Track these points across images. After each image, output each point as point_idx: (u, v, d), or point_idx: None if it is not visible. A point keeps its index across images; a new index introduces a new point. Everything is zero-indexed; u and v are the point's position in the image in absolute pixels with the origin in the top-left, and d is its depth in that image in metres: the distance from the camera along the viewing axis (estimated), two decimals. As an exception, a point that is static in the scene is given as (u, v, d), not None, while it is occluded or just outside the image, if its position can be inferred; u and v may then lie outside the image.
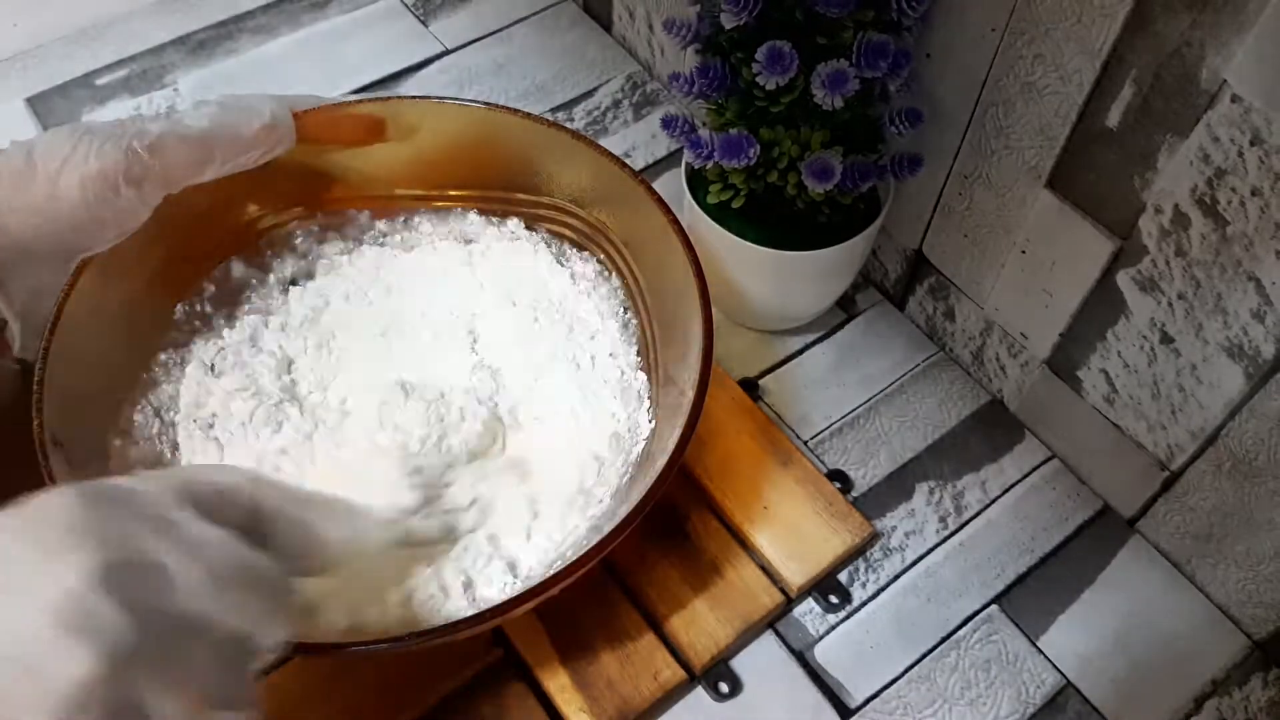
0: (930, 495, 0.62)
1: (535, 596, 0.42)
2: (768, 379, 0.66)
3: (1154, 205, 0.49)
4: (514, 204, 0.59)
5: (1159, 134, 0.47)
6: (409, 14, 0.85)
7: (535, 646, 0.53)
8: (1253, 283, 0.47)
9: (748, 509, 0.58)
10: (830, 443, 0.63)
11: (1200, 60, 0.44)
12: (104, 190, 0.45)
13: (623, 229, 0.55)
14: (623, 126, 0.78)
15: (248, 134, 0.49)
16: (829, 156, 0.54)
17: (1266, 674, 0.56)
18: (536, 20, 0.85)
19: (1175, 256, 0.49)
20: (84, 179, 0.44)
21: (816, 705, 0.54)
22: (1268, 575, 0.54)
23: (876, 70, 0.51)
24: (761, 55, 0.50)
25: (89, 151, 0.44)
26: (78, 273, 0.48)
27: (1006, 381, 0.64)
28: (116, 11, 0.83)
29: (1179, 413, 0.54)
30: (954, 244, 0.62)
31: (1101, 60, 0.47)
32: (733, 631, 0.54)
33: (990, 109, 0.54)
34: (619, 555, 0.56)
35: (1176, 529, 0.58)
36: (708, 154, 0.55)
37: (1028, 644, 0.57)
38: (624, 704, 0.52)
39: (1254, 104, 0.42)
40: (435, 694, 0.52)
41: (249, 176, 0.51)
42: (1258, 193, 0.44)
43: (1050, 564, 0.59)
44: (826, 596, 0.57)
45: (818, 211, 0.58)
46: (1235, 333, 0.49)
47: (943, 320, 0.66)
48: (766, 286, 0.63)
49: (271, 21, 0.84)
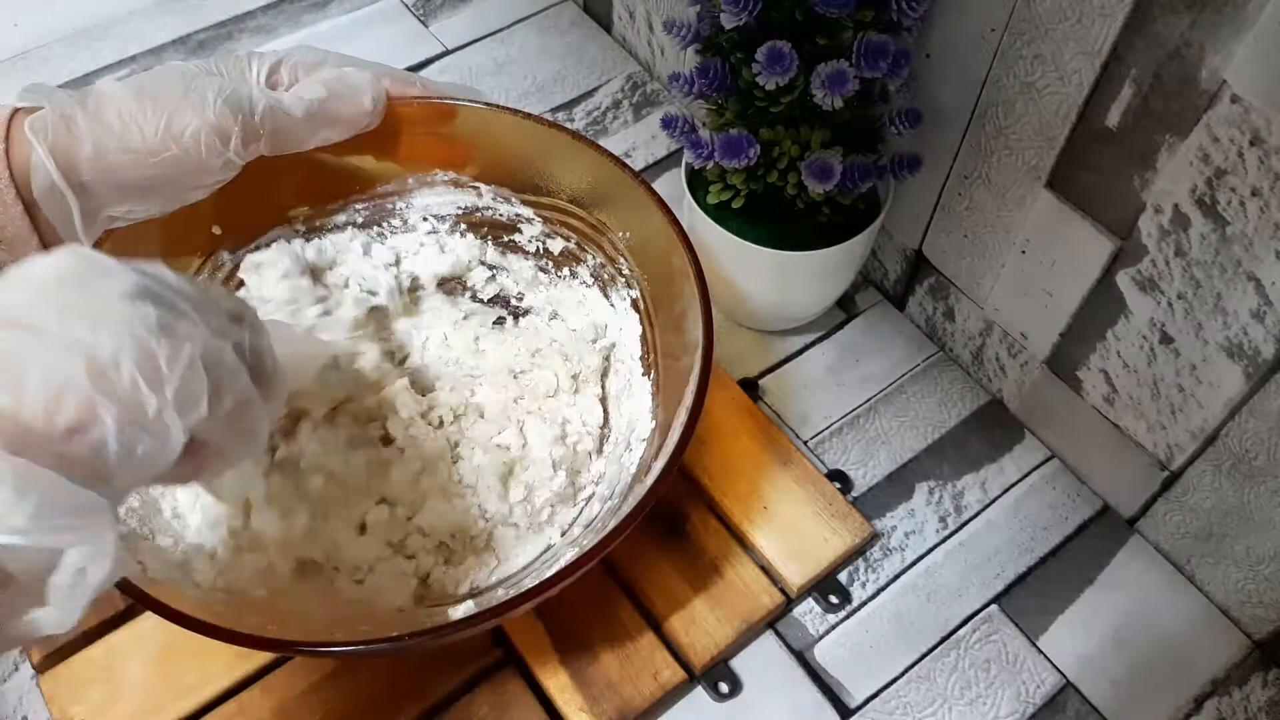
0: (930, 495, 0.62)
1: (535, 596, 0.42)
2: (768, 379, 0.66)
3: (1154, 205, 0.49)
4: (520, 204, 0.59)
5: (1159, 134, 0.47)
6: (409, 14, 0.85)
7: (535, 646, 0.53)
8: (1252, 283, 0.47)
9: (748, 509, 0.58)
10: (830, 443, 0.63)
11: (1200, 60, 0.44)
12: (215, 144, 0.45)
13: (623, 229, 0.55)
14: (623, 127, 0.78)
15: (347, 116, 0.50)
16: (829, 156, 0.54)
17: (1266, 674, 0.56)
18: (536, 20, 0.85)
19: (1175, 256, 0.49)
20: (198, 130, 0.45)
21: (816, 705, 0.54)
22: (1267, 575, 0.54)
23: (876, 70, 0.51)
24: (761, 55, 0.50)
25: (204, 103, 0.45)
26: None
27: (1006, 381, 0.64)
28: (117, 11, 0.83)
29: (1179, 412, 0.54)
30: (954, 244, 0.62)
31: (1101, 60, 0.47)
32: (733, 631, 0.54)
33: (990, 109, 0.54)
34: (619, 555, 0.56)
35: (1176, 529, 0.58)
36: (708, 154, 0.55)
37: (1027, 644, 0.57)
38: (624, 704, 0.52)
39: (1254, 104, 0.42)
40: (435, 694, 0.52)
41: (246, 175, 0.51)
42: (1257, 193, 0.44)
43: (1050, 564, 0.59)
44: (826, 596, 0.57)
45: (817, 211, 0.58)
46: (1235, 333, 0.49)
47: (942, 320, 0.66)
48: (766, 286, 0.63)
49: (272, 21, 0.84)
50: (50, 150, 0.43)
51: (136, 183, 0.45)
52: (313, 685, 0.52)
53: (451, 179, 0.57)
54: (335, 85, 0.49)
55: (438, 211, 0.59)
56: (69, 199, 0.44)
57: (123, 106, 0.44)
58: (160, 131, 0.44)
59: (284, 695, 0.51)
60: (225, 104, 0.45)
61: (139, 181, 0.45)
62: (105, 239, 0.48)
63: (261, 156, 0.48)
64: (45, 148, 0.43)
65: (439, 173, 0.57)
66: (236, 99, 0.46)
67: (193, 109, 0.45)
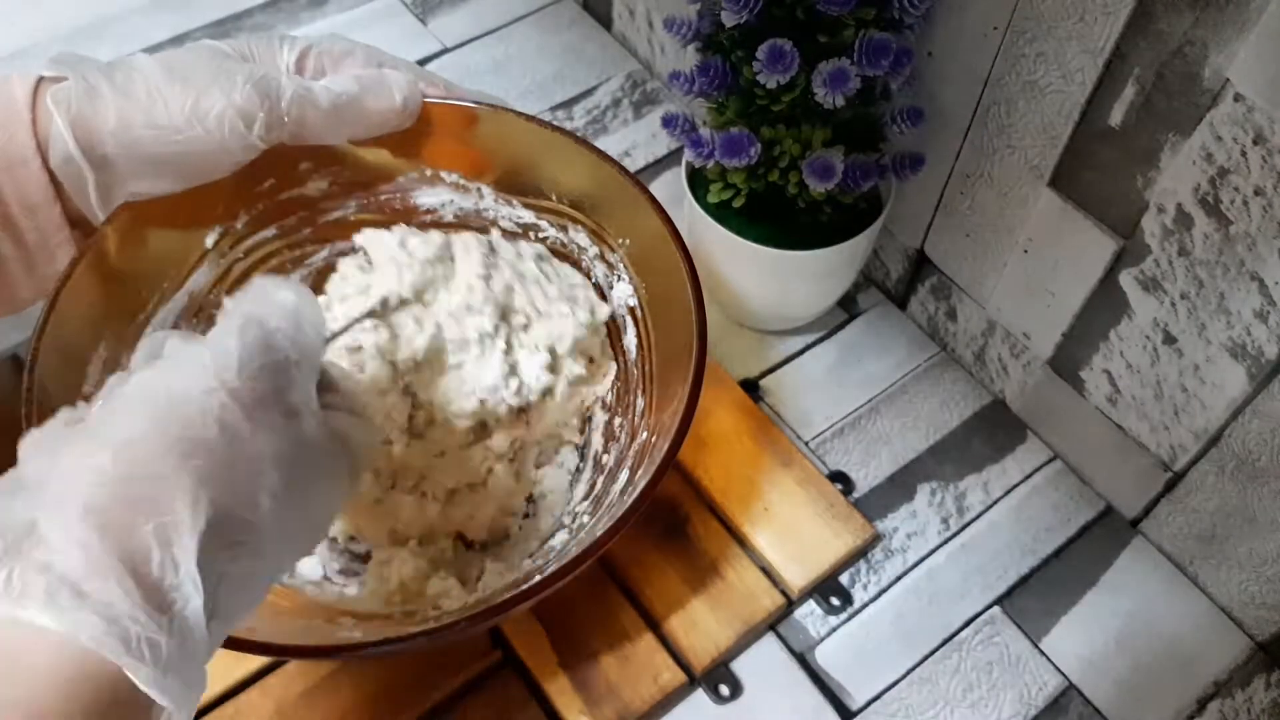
0: (932, 496, 0.61)
1: (533, 595, 0.42)
2: (768, 379, 0.66)
3: (1157, 204, 0.49)
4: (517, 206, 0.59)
5: (1162, 133, 0.47)
6: (408, 12, 0.85)
7: (534, 648, 0.53)
8: (1256, 282, 0.46)
9: (748, 510, 0.58)
10: (831, 443, 0.63)
11: (1203, 59, 0.43)
12: (239, 126, 0.45)
13: (621, 232, 0.55)
14: (623, 125, 0.78)
15: (376, 116, 0.49)
16: (830, 155, 0.53)
17: (1269, 675, 0.56)
18: (536, 18, 0.85)
19: (1178, 256, 0.49)
20: (223, 111, 0.45)
21: (818, 707, 0.54)
22: (1270, 576, 0.54)
23: (878, 69, 0.51)
24: (762, 53, 0.50)
25: (232, 85, 0.45)
26: (72, 266, 0.48)
27: (1009, 382, 0.64)
28: (114, 10, 0.83)
29: (1182, 413, 0.53)
30: (956, 243, 0.62)
31: (1104, 59, 0.47)
32: (733, 633, 0.54)
33: (992, 108, 0.54)
34: (619, 556, 0.55)
35: (1179, 530, 0.58)
36: (708, 153, 0.55)
37: (1030, 645, 0.56)
38: (624, 706, 0.51)
39: (1257, 103, 0.42)
40: (434, 697, 0.52)
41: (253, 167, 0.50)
42: (1261, 192, 0.44)
43: (1052, 565, 0.59)
44: (828, 598, 0.57)
45: (819, 211, 0.58)
46: (1238, 333, 0.48)
47: (945, 320, 0.66)
48: (767, 286, 0.63)
49: (270, 20, 0.83)
50: (72, 122, 0.43)
51: (159, 159, 0.45)
52: (311, 688, 0.51)
53: (455, 181, 0.57)
54: (369, 82, 0.49)
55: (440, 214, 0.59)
56: (85, 171, 0.44)
57: (152, 82, 0.44)
58: (187, 110, 0.44)
59: (282, 697, 0.51)
60: (253, 88, 0.45)
61: (161, 158, 0.45)
62: (120, 211, 0.48)
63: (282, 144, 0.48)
64: (66, 119, 0.43)
65: (445, 174, 0.57)
66: (265, 84, 0.45)
67: (220, 90, 0.45)
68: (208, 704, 0.51)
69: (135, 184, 0.46)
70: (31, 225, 0.45)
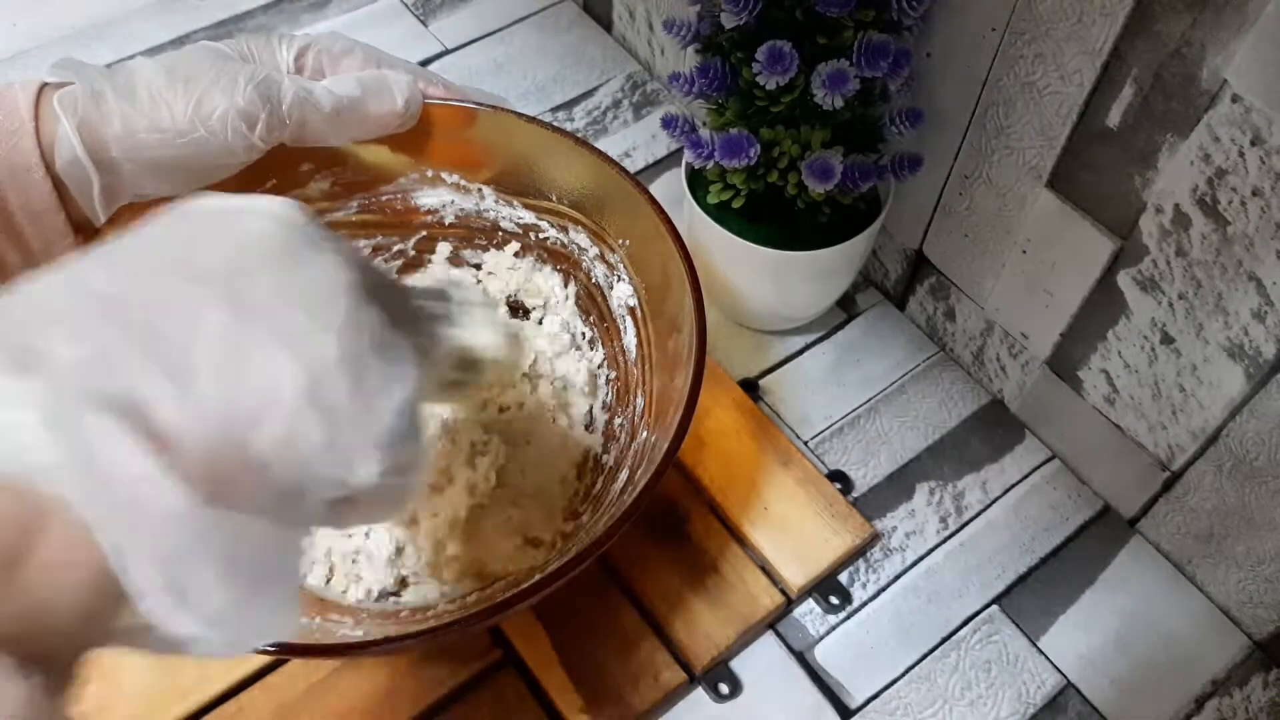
0: (931, 495, 0.61)
1: (533, 595, 0.42)
2: (768, 379, 0.66)
3: (1155, 205, 0.49)
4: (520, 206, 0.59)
5: (1159, 134, 0.47)
6: (409, 13, 0.85)
7: (535, 647, 0.53)
8: (1253, 283, 0.47)
9: (748, 510, 0.58)
10: (830, 443, 0.63)
11: (1201, 60, 0.43)
12: (241, 128, 0.45)
13: (620, 233, 0.55)
14: (623, 126, 0.78)
15: (377, 118, 0.50)
16: (829, 156, 0.54)
17: (1267, 674, 0.56)
18: (536, 20, 0.85)
19: (1176, 256, 0.49)
20: (225, 113, 0.45)
21: (817, 706, 0.54)
22: (1268, 576, 0.54)
23: (877, 70, 0.51)
24: (762, 55, 0.50)
25: (233, 87, 0.45)
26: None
27: (1007, 381, 0.64)
28: (116, 11, 0.83)
29: (1179, 413, 0.54)
30: (954, 244, 0.62)
31: (1102, 60, 0.47)
32: (733, 632, 0.54)
33: (991, 109, 0.54)
34: (619, 556, 0.56)
35: (1177, 529, 0.58)
36: (708, 154, 0.55)
37: (1028, 644, 0.57)
38: (624, 705, 0.52)
39: (1255, 104, 0.42)
40: (434, 695, 0.52)
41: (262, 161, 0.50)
42: (1258, 193, 0.44)
43: (1051, 564, 0.59)
44: (827, 597, 0.57)
45: (818, 211, 0.58)
46: (1236, 333, 0.49)
47: (943, 320, 0.66)
48: (766, 286, 0.63)
49: (271, 21, 0.84)
50: (79, 126, 0.43)
51: (162, 162, 0.45)
52: (313, 686, 0.51)
53: (455, 182, 0.57)
54: (371, 84, 0.49)
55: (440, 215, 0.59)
56: (91, 174, 0.44)
57: (154, 85, 0.44)
58: (190, 113, 0.44)
59: (284, 696, 0.51)
60: (255, 90, 0.45)
61: (165, 160, 0.45)
62: (122, 213, 0.48)
63: (283, 145, 0.48)
64: (73, 123, 0.43)
65: (446, 174, 0.57)
66: (266, 86, 0.46)
67: (221, 92, 0.45)
68: (210, 701, 0.51)
69: (139, 187, 0.47)
70: (36, 232, 0.45)
